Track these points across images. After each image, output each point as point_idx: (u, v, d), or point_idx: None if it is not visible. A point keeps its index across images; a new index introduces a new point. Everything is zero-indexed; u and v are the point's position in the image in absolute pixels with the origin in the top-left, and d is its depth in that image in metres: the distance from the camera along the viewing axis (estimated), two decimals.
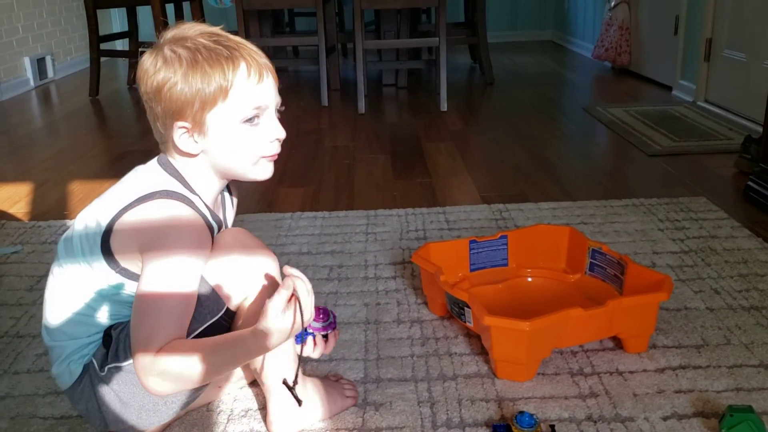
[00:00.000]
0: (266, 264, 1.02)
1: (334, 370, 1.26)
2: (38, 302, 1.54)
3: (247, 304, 1.01)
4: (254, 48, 0.98)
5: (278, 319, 0.91)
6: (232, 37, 0.98)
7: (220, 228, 1.04)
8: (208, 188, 1.02)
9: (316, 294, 1.54)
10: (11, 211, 2.15)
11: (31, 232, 1.95)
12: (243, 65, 0.95)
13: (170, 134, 0.97)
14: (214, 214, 1.02)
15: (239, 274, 1.00)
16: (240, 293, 1.00)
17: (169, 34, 0.97)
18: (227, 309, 1.00)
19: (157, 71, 0.94)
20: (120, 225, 0.95)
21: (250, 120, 0.97)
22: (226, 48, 0.95)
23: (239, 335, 0.95)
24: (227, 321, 1.01)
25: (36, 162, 2.69)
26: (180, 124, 0.96)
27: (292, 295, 0.93)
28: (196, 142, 0.97)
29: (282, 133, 1.00)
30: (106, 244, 0.95)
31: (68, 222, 2.01)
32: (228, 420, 1.13)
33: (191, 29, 0.97)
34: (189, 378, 0.92)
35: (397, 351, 1.31)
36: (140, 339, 0.92)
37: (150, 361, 0.91)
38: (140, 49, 1.01)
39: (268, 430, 1.10)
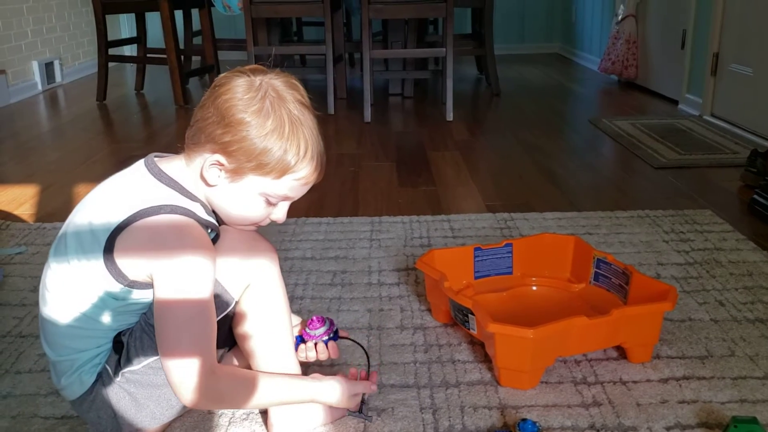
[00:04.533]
0: (265, 253, 1.04)
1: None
2: None
3: (248, 294, 1.03)
4: (322, 147, 1.00)
5: (348, 396, 1.07)
6: (314, 123, 0.99)
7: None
8: (201, 196, 1.01)
9: (319, 299, 1.54)
10: (17, 212, 2.16)
11: (35, 233, 1.95)
12: (311, 168, 0.98)
13: (203, 153, 0.96)
14: (217, 219, 1.03)
15: (241, 263, 1.01)
16: (242, 283, 1.02)
17: (271, 80, 0.96)
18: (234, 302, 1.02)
19: (247, 110, 0.94)
20: (126, 239, 0.93)
21: (272, 200, 1.00)
22: (308, 140, 0.97)
23: (302, 383, 1.05)
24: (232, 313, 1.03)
25: (42, 164, 2.70)
26: (221, 159, 0.95)
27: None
28: (219, 177, 0.97)
29: (282, 220, 1.03)
30: (110, 257, 0.94)
31: None
32: (230, 423, 1.13)
33: (288, 92, 0.97)
34: (240, 403, 0.99)
35: (399, 357, 1.31)
36: (192, 356, 0.92)
37: (210, 379, 0.93)
38: (238, 71, 0.98)
39: None
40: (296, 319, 1.21)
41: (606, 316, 1.21)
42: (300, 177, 0.98)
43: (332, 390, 1.06)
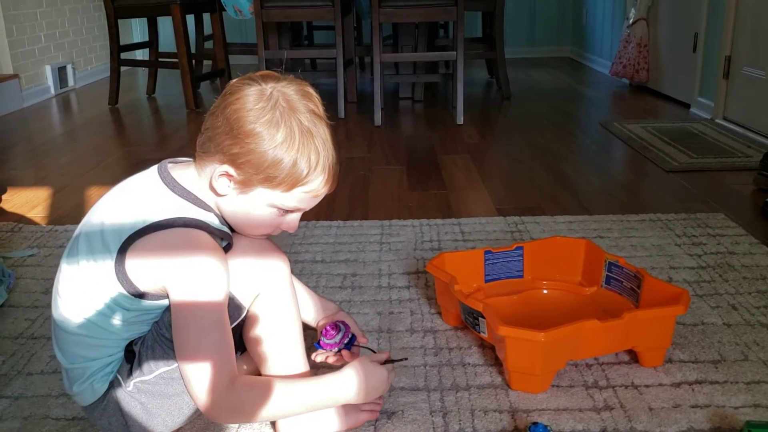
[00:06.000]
0: (276, 261, 1.03)
1: None
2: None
3: (259, 301, 1.02)
4: (335, 159, 0.98)
5: (376, 368, 1.04)
6: (327, 134, 0.97)
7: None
8: (213, 205, 1.01)
9: None
10: (29, 215, 2.17)
11: (48, 236, 1.96)
12: (321, 181, 0.97)
13: (213, 163, 0.96)
14: (230, 227, 1.02)
15: (251, 271, 1.01)
16: (252, 291, 1.01)
17: (283, 89, 0.95)
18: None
19: (256, 121, 0.92)
20: (138, 249, 0.93)
21: (282, 211, 0.99)
22: (320, 152, 0.95)
23: (320, 384, 1.00)
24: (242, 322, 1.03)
25: (54, 168, 2.72)
26: (230, 171, 0.94)
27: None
28: (228, 187, 0.96)
29: (294, 230, 1.02)
30: (120, 266, 0.93)
31: None
32: (239, 426, 1.13)
33: (300, 102, 0.95)
34: (260, 413, 0.96)
35: (409, 360, 1.30)
36: (211, 364, 0.92)
37: (226, 393, 0.93)
38: (249, 79, 0.97)
39: None
40: (333, 308, 1.24)
41: (618, 320, 1.20)
42: (310, 190, 0.97)
43: (352, 382, 1.01)
